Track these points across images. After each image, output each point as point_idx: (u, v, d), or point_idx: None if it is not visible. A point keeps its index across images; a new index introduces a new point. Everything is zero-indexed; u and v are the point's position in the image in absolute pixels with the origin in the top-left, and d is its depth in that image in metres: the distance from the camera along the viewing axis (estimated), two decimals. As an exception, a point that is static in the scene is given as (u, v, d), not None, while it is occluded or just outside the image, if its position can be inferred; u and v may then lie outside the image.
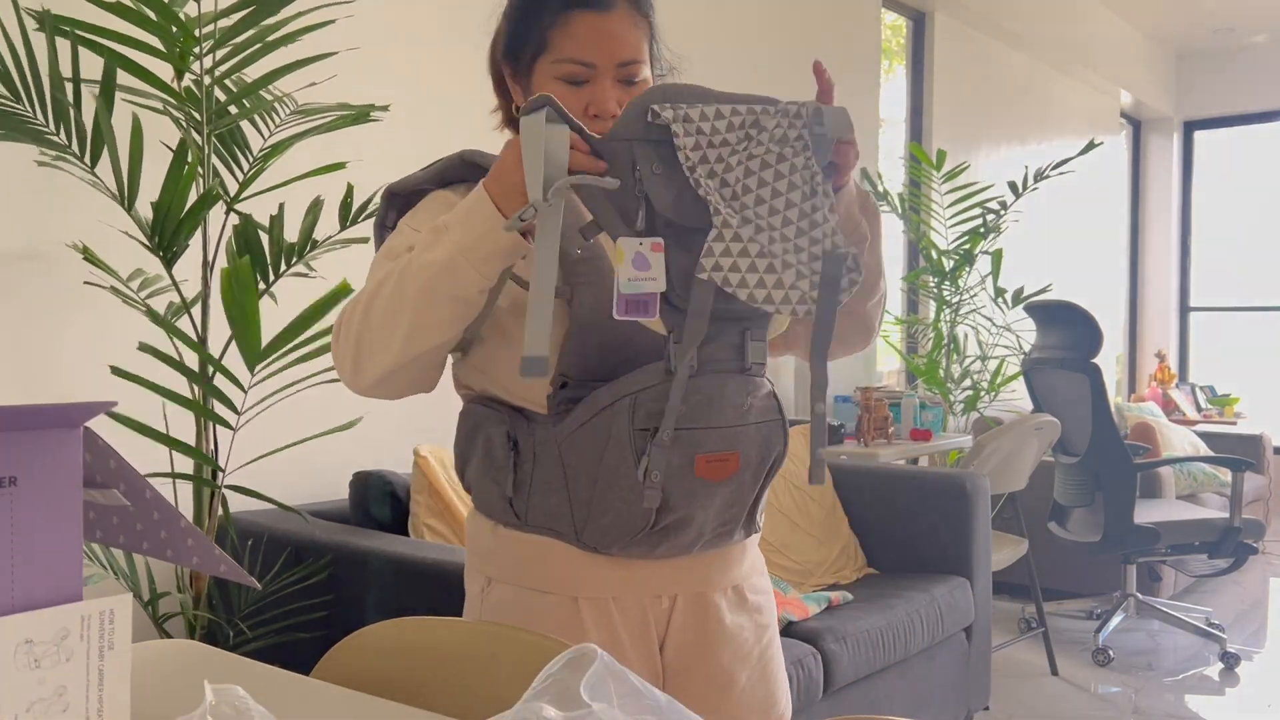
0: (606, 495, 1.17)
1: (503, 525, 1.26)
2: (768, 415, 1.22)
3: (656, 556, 1.23)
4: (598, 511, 1.18)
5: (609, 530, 1.18)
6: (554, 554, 1.23)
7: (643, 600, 1.25)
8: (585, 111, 1.23)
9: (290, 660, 1.45)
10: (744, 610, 1.31)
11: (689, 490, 1.17)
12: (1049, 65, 6.28)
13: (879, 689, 2.64)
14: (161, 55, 1.95)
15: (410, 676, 1.14)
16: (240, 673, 1.06)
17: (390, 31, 2.80)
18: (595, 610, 1.24)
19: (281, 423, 2.31)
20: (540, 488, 1.21)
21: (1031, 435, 3.66)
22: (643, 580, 1.24)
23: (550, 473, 1.20)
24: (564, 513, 1.20)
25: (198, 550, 0.81)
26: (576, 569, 1.23)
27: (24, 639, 0.70)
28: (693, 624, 1.28)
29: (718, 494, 1.19)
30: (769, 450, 1.23)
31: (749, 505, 1.25)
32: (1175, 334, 7.76)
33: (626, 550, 1.21)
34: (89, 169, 1.93)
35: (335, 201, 2.19)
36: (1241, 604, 4.81)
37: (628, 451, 1.15)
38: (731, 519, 1.24)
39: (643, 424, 1.14)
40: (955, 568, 3.09)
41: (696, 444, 1.16)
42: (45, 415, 0.72)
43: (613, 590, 1.24)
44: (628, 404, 1.15)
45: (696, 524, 1.20)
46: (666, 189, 1.11)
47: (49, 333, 2.20)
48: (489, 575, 1.29)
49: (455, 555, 2.03)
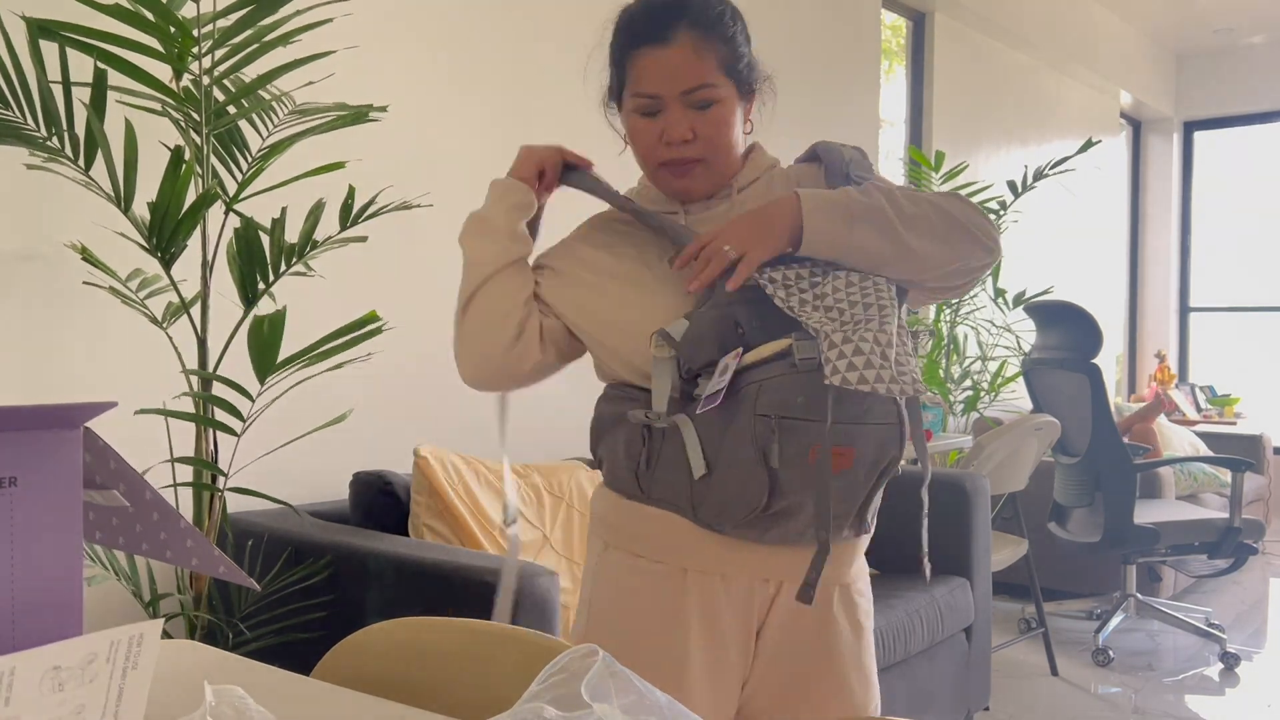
0: (724, 475, 1.23)
1: (626, 497, 1.35)
2: (887, 419, 1.26)
3: (767, 541, 1.28)
4: (715, 489, 1.24)
5: (723, 508, 1.25)
6: (671, 527, 1.31)
7: (750, 582, 1.32)
8: (660, 139, 1.33)
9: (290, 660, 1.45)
10: (846, 610, 1.36)
11: (801, 479, 1.22)
12: (1049, 65, 6.28)
13: (879, 689, 2.63)
14: (160, 56, 1.95)
15: (410, 676, 1.14)
16: (240, 673, 1.06)
17: (389, 31, 2.80)
18: (702, 584, 1.31)
19: (282, 422, 2.31)
20: (665, 464, 1.28)
21: (1031, 435, 3.66)
22: (752, 562, 1.30)
23: (676, 451, 1.27)
24: (683, 487, 1.27)
25: (197, 551, 0.81)
26: (690, 542, 1.30)
27: (52, 665, 0.70)
28: (796, 615, 1.33)
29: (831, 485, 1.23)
30: (884, 452, 1.27)
31: (860, 502, 1.29)
32: (1175, 334, 7.76)
33: (739, 530, 1.27)
34: (83, 171, 1.93)
35: (336, 202, 2.19)
36: (1241, 604, 4.80)
37: (748, 435, 1.21)
38: (842, 514, 1.28)
39: (764, 410, 1.20)
40: (955, 568, 3.08)
41: (813, 436, 1.20)
42: (45, 416, 0.72)
43: (721, 567, 1.31)
44: (753, 390, 1.21)
45: (807, 513, 1.25)
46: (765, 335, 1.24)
47: (48, 333, 2.20)
48: (606, 541, 1.38)
49: (455, 555, 2.03)
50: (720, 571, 1.31)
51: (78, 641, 0.71)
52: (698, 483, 1.25)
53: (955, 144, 5.34)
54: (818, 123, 4.42)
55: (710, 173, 1.36)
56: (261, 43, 2.00)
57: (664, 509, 1.31)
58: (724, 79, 1.32)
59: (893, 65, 5.36)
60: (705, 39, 1.31)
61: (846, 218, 1.25)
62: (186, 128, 2.02)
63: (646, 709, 0.75)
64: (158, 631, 0.75)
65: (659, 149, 1.34)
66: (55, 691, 0.70)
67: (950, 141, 5.31)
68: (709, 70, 1.31)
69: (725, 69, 1.32)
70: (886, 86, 5.12)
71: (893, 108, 5.31)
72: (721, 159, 1.36)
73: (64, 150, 1.91)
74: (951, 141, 5.32)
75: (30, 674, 0.68)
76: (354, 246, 2.32)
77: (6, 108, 1.85)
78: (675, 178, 1.36)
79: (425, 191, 2.85)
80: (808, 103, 4.39)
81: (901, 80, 5.39)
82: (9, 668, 0.66)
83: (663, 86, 1.31)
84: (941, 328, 4.68)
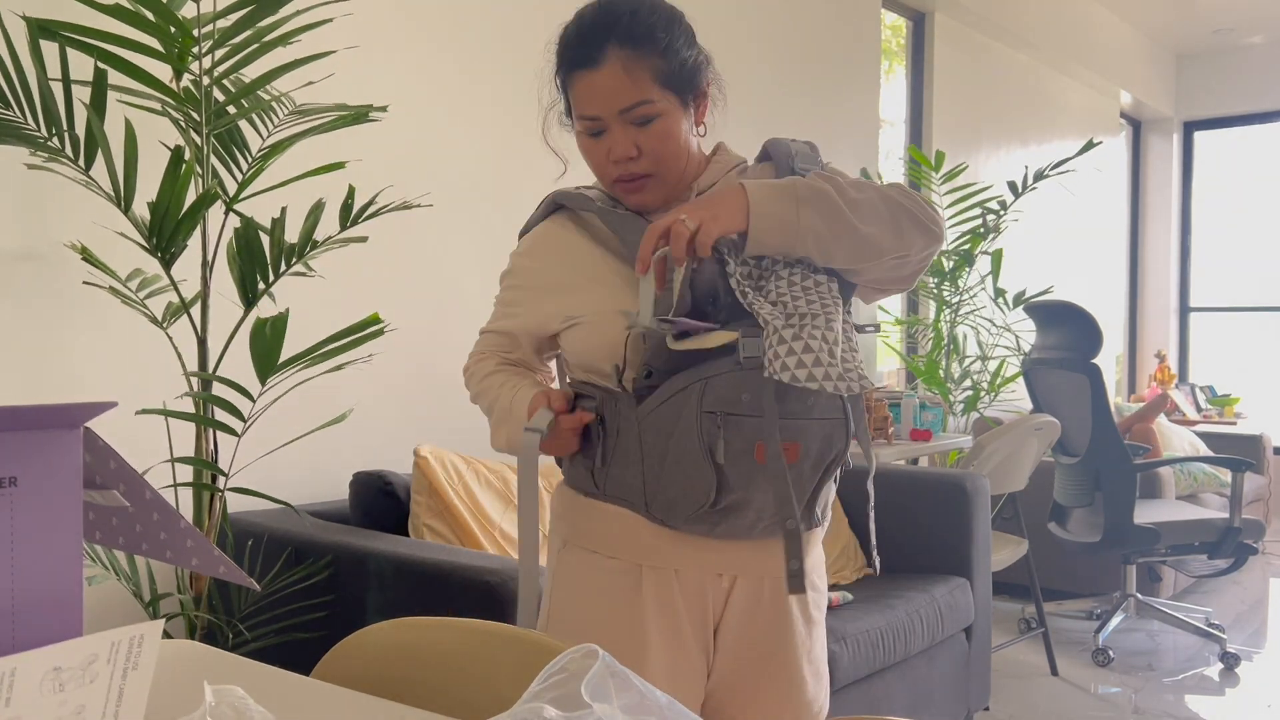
0: (673, 471, 1.27)
1: (583, 494, 1.38)
2: (831, 413, 1.29)
3: (717, 535, 1.32)
4: (665, 486, 1.28)
5: (673, 504, 1.28)
6: (625, 523, 1.34)
7: (703, 576, 1.35)
8: (608, 157, 1.35)
9: (290, 660, 1.45)
10: (799, 602, 1.39)
11: (748, 474, 1.25)
12: (1049, 65, 6.28)
13: (879, 689, 2.63)
14: (160, 56, 1.95)
15: (410, 676, 1.14)
16: (240, 673, 1.06)
17: (389, 31, 2.80)
18: (657, 579, 1.34)
19: (282, 422, 2.31)
20: (619, 461, 1.32)
21: (1031, 435, 3.66)
22: (704, 557, 1.34)
23: (629, 448, 1.30)
24: (637, 485, 1.31)
25: (197, 551, 0.81)
26: (643, 538, 1.34)
27: (53, 666, 0.70)
28: (751, 608, 1.36)
29: (774, 480, 1.25)
30: (829, 446, 1.29)
31: (807, 497, 1.32)
32: (1175, 334, 7.76)
33: (690, 526, 1.30)
34: (83, 171, 1.93)
35: (336, 202, 2.19)
36: (1241, 604, 4.80)
37: (694, 431, 1.24)
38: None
39: (710, 407, 1.23)
40: (955, 568, 3.08)
41: (758, 432, 1.23)
42: (46, 415, 0.72)
43: (675, 562, 1.34)
44: (699, 388, 1.24)
45: (754, 507, 1.28)
46: (732, 315, 1.27)
47: (48, 333, 2.20)
48: (565, 539, 1.42)
49: (455, 555, 2.03)
50: (674, 566, 1.34)
51: (78, 642, 0.71)
52: (650, 478, 1.29)
53: (955, 144, 5.34)
54: (818, 123, 4.43)
55: (662, 184, 1.37)
56: (261, 43, 2.00)
57: (619, 505, 1.34)
58: (661, 91, 1.32)
59: (893, 65, 5.36)
60: (635, 55, 1.31)
61: (793, 200, 1.25)
62: (186, 128, 2.02)
63: (647, 709, 0.75)
64: (158, 632, 0.75)
65: (609, 167, 1.36)
66: (56, 692, 0.70)
67: (950, 141, 5.31)
68: (643, 87, 1.31)
69: (661, 81, 1.32)
70: (886, 86, 5.12)
71: (893, 108, 5.30)
72: (672, 169, 1.37)
73: (64, 150, 1.91)
74: (951, 141, 5.32)
75: (31, 675, 0.68)
76: (354, 246, 2.32)
77: (7, 107, 1.85)
78: (629, 193, 1.38)
79: (425, 191, 2.85)
80: (808, 103, 4.39)
81: (901, 80, 5.39)
82: (9, 669, 0.66)
83: (600, 108, 1.32)
84: (941, 327, 4.68)
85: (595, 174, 1.41)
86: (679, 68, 1.34)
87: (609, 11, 1.34)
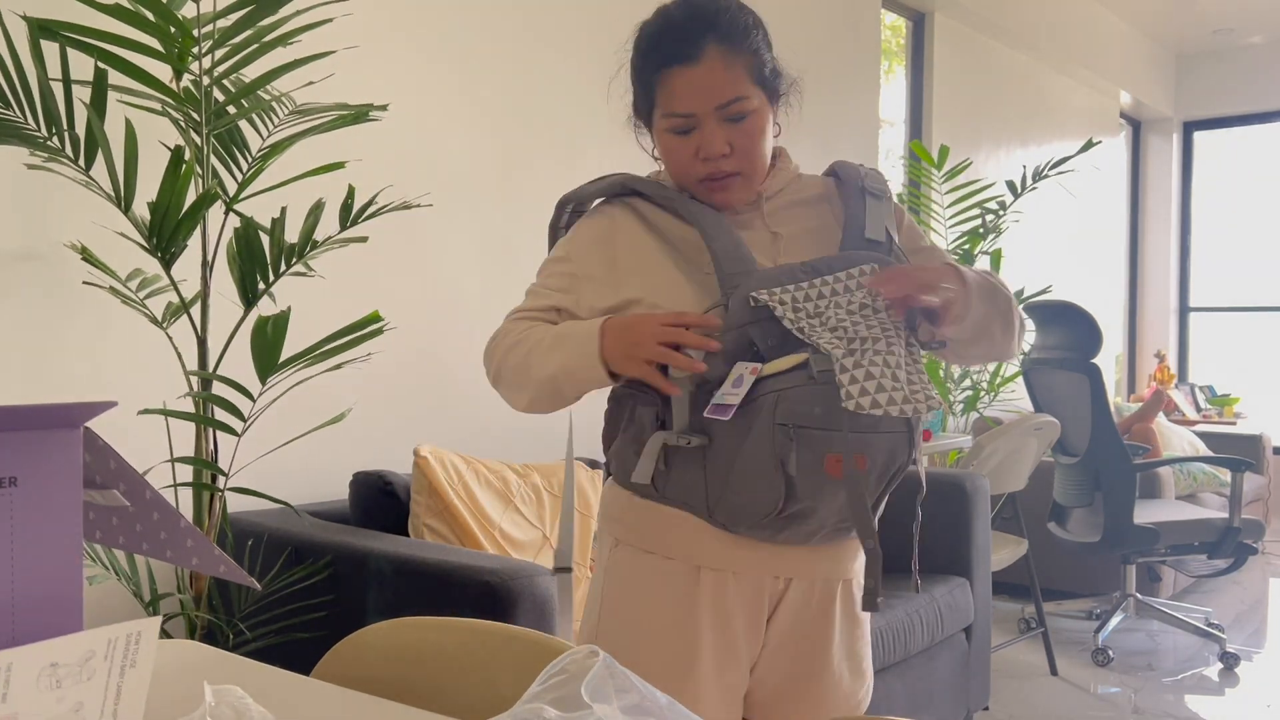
0: (741, 479, 1.27)
1: (639, 495, 1.38)
2: (896, 427, 1.29)
3: (779, 541, 1.33)
4: (732, 492, 1.28)
5: (739, 510, 1.29)
6: (684, 525, 1.34)
7: (760, 578, 1.36)
8: (696, 155, 1.34)
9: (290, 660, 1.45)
10: (844, 603, 1.41)
11: (816, 485, 1.26)
12: (1049, 65, 6.28)
13: (879, 689, 2.63)
14: (160, 56, 1.95)
15: (410, 676, 1.14)
16: (240, 673, 1.06)
17: (389, 31, 2.80)
18: (714, 581, 1.35)
19: (282, 420, 2.31)
20: (681, 464, 1.31)
21: (1031, 435, 3.66)
22: (763, 560, 1.35)
23: (692, 452, 1.30)
24: (699, 490, 1.31)
25: (197, 551, 0.81)
26: (704, 541, 1.34)
27: (49, 662, 0.70)
28: (801, 608, 1.38)
29: (841, 491, 1.27)
30: (894, 459, 1.30)
31: (869, 505, 1.31)
32: (1175, 334, 7.76)
33: (752, 531, 1.31)
34: (83, 171, 1.93)
35: (336, 202, 2.19)
36: (1241, 604, 4.80)
37: (767, 443, 1.24)
38: (849, 517, 1.32)
39: (783, 419, 1.23)
40: (955, 568, 3.08)
41: (829, 444, 1.24)
42: (46, 415, 0.72)
43: (734, 565, 1.35)
44: (771, 400, 1.24)
45: (818, 517, 1.30)
46: (779, 353, 1.26)
47: (48, 333, 2.20)
48: (617, 538, 1.41)
49: (455, 555, 2.03)
50: (733, 569, 1.35)
51: (75, 638, 0.71)
52: (714, 485, 1.29)
53: (955, 143, 5.34)
54: (818, 123, 4.42)
55: (748, 183, 1.38)
56: (261, 43, 2.00)
57: (679, 508, 1.34)
58: (755, 89, 1.34)
59: (893, 65, 5.36)
60: (734, 52, 1.32)
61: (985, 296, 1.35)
62: (186, 128, 2.02)
63: (646, 710, 0.75)
64: (155, 629, 0.75)
65: (695, 165, 1.35)
66: (53, 689, 0.70)
67: (950, 141, 5.31)
68: (740, 83, 1.32)
69: (755, 78, 1.34)
70: (886, 86, 5.12)
71: (893, 108, 5.30)
72: (758, 169, 1.38)
73: (64, 150, 1.91)
74: (951, 141, 5.32)
75: (28, 670, 0.68)
76: (354, 246, 2.32)
77: (7, 107, 1.85)
78: (714, 192, 1.37)
79: (425, 191, 2.85)
80: (808, 103, 4.38)
81: (901, 80, 5.39)
82: (6, 664, 0.66)
83: (696, 104, 1.31)
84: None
85: (676, 173, 1.39)
86: (768, 66, 1.36)
87: (703, 7, 1.33)
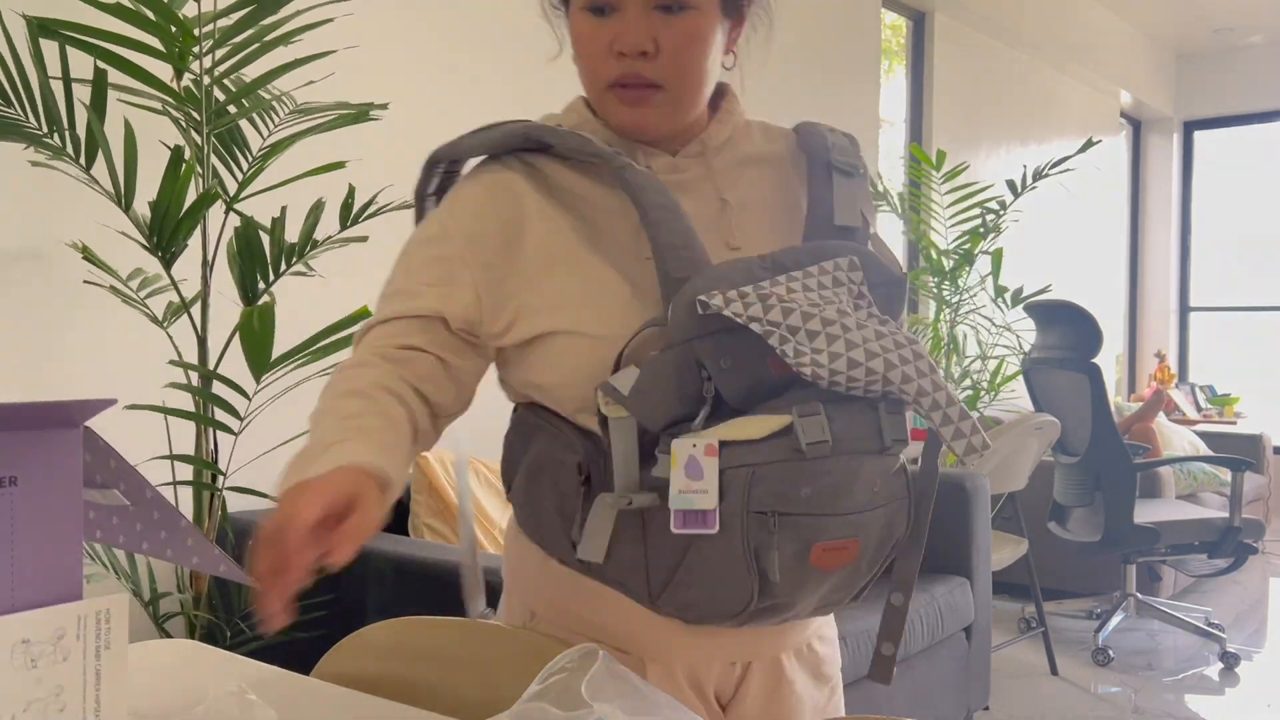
0: (697, 571, 0.96)
1: (557, 560, 1.07)
2: (895, 496, 1.03)
3: (743, 627, 1.04)
4: (684, 584, 0.97)
5: (692, 605, 0.98)
6: (620, 608, 1.04)
7: (715, 667, 1.09)
8: (610, 48, 1.02)
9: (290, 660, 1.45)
10: (815, 667, 1.16)
11: (800, 579, 0.97)
12: (1049, 65, 6.28)
13: (879, 689, 2.63)
14: (160, 55, 1.95)
15: (410, 676, 1.14)
16: (240, 672, 1.06)
17: (389, 30, 2.80)
18: (661, 674, 1.06)
19: (281, 420, 2.31)
20: (616, 535, 0.98)
21: (1031, 435, 3.65)
22: (718, 648, 1.08)
23: (629, 521, 0.98)
24: (638, 569, 0.99)
25: (197, 550, 0.81)
26: (644, 629, 1.05)
27: (20, 639, 0.70)
28: (764, 691, 1.12)
29: (827, 581, 1.00)
30: (890, 534, 1.04)
31: (859, 588, 1.06)
32: (1175, 334, 7.76)
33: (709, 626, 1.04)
34: (84, 170, 1.93)
35: (336, 201, 2.19)
36: (1241, 604, 4.80)
37: (736, 535, 0.94)
38: (834, 601, 1.05)
39: (760, 506, 0.93)
40: (955, 568, 3.08)
41: (819, 531, 0.95)
42: (46, 414, 0.72)
43: (685, 656, 1.07)
44: (743, 477, 0.93)
45: (796, 608, 1.02)
46: (739, 379, 0.94)
47: (48, 332, 2.20)
48: (534, 610, 1.11)
49: (455, 555, 2.03)
50: (687, 661, 1.07)
51: (43, 613, 0.71)
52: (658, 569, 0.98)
53: (955, 143, 5.34)
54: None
55: (673, 105, 1.05)
56: (262, 42, 2.00)
57: (612, 587, 1.02)
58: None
59: (893, 65, 5.36)
60: None
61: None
62: (187, 127, 2.02)
63: (647, 709, 0.75)
64: (124, 606, 0.76)
65: (609, 61, 1.03)
66: (29, 669, 0.70)
67: (950, 141, 5.31)
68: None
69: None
70: (886, 86, 5.12)
71: (893, 107, 5.30)
72: (688, 88, 1.04)
73: (65, 149, 1.91)
74: (951, 141, 5.32)
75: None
76: (355, 246, 2.31)
77: (8, 106, 1.85)
78: (626, 104, 1.04)
79: (425, 191, 2.85)
80: (807, 102, 4.39)
81: (901, 80, 5.39)
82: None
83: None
84: (941, 327, 4.68)
85: (586, 73, 1.07)
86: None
87: None
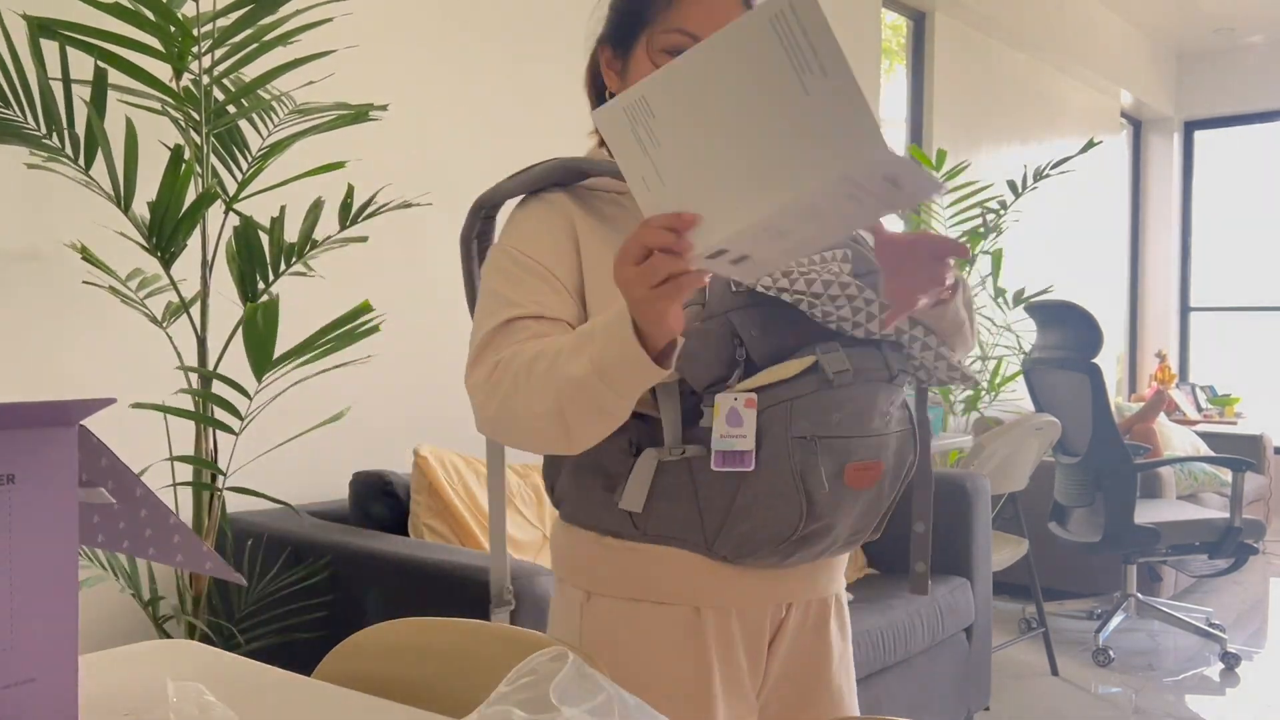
0: (750, 505, 1.11)
1: (613, 536, 1.19)
2: (903, 424, 1.21)
3: (786, 565, 1.19)
4: (737, 520, 1.12)
5: (748, 539, 1.13)
6: (676, 564, 1.17)
7: (764, 611, 1.22)
8: None
9: (290, 660, 1.45)
10: (840, 616, 1.31)
11: (837, 498, 1.13)
12: (1049, 65, 6.28)
13: (879, 689, 2.63)
14: (160, 55, 1.95)
15: (410, 676, 1.14)
16: (240, 673, 1.06)
17: (389, 30, 2.80)
18: (718, 621, 1.19)
19: (281, 420, 2.31)
20: (665, 495, 1.14)
21: (1031, 435, 3.65)
22: (768, 589, 1.20)
23: (677, 479, 1.13)
24: (693, 521, 1.14)
25: (183, 548, 0.80)
26: (702, 579, 1.17)
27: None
28: (799, 632, 1.25)
29: (860, 501, 1.16)
30: (903, 459, 1.21)
31: (882, 513, 1.22)
32: (1175, 334, 7.76)
33: (760, 559, 1.16)
34: (83, 171, 1.93)
35: (335, 201, 2.19)
36: (1242, 604, 4.80)
37: (783, 461, 1.09)
38: (863, 527, 1.21)
39: (800, 432, 1.09)
40: (955, 568, 3.08)
41: (849, 452, 1.12)
42: (42, 413, 0.72)
43: (738, 601, 1.19)
44: (783, 411, 1.09)
45: (834, 533, 1.17)
46: (766, 344, 1.11)
47: (48, 332, 2.20)
48: (589, 589, 1.21)
49: (455, 555, 2.03)
50: (737, 606, 1.19)
51: None
52: (712, 515, 1.12)
53: (955, 143, 5.34)
54: (818, 122, 4.42)
55: None
56: (261, 42, 2.00)
57: (667, 545, 1.16)
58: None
59: (893, 65, 5.36)
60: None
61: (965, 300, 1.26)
62: (186, 127, 2.02)
63: (614, 712, 0.75)
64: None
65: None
66: None
67: (950, 141, 5.31)
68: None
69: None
70: (886, 86, 5.12)
71: (893, 107, 5.30)
72: None
73: (64, 149, 1.91)
74: (951, 141, 5.32)
75: None
76: (354, 246, 2.32)
77: (7, 106, 1.85)
78: None
79: (425, 191, 2.85)
80: (808, 102, 4.39)
81: (901, 80, 5.38)
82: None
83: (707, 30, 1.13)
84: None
85: None
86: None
87: None
